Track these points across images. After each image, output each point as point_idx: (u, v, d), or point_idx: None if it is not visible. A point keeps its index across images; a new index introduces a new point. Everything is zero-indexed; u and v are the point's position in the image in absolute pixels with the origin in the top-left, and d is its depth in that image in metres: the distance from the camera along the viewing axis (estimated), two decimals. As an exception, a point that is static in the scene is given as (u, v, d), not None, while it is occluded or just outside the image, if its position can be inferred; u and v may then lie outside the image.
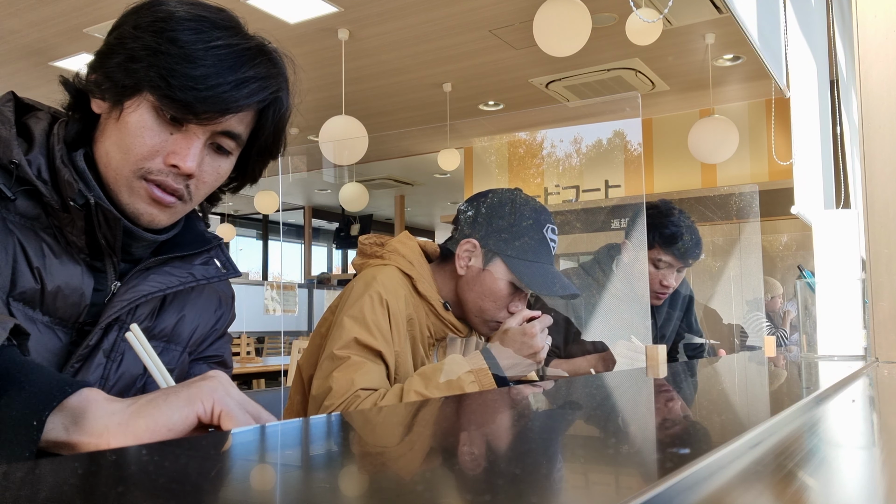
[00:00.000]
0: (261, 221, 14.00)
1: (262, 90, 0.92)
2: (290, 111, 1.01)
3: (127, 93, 0.89)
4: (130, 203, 0.92)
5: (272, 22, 5.03)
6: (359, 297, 1.41)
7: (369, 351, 1.37)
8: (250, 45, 0.93)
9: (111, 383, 0.95)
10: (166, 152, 0.90)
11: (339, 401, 1.31)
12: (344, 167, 7.27)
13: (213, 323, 1.11)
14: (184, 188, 0.93)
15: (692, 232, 2.16)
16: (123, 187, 0.92)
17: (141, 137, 0.89)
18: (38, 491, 0.39)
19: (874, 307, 1.39)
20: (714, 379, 1.20)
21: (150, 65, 0.87)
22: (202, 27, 0.89)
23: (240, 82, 0.90)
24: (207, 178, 0.95)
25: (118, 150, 0.90)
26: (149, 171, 0.90)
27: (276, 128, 0.99)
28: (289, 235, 13.91)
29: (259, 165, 1.04)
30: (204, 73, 0.87)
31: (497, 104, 6.92)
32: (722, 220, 4.59)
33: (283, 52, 1.00)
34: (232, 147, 0.96)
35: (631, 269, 2.09)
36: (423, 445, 0.57)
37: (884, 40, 1.45)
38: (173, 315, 1.03)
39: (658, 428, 0.64)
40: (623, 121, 3.35)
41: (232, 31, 0.92)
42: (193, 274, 1.01)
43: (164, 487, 0.39)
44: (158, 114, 0.89)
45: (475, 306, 1.50)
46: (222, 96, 0.88)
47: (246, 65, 0.91)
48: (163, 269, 0.98)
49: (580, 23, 3.75)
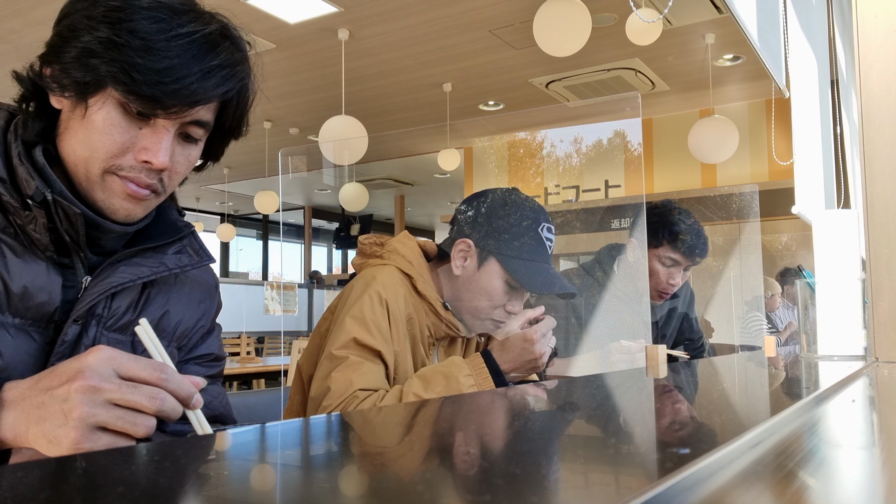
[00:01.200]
0: (261, 221, 14.01)
1: (229, 79, 0.90)
2: (255, 93, 0.99)
3: (90, 89, 0.85)
4: (105, 200, 0.91)
5: (272, 22, 5.03)
6: (358, 296, 1.41)
7: (368, 351, 1.37)
8: (212, 31, 0.89)
9: None
10: (137, 148, 0.88)
11: (338, 401, 1.31)
12: (344, 167, 7.27)
13: (199, 316, 1.09)
14: (157, 182, 0.91)
15: (701, 231, 2.18)
16: (96, 186, 0.90)
17: (110, 135, 0.87)
18: (35, 491, 0.39)
19: (874, 307, 1.39)
20: (714, 379, 1.20)
21: (110, 59, 0.83)
22: (161, 14, 0.86)
23: (206, 72, 0.87)
24: (179, 168, 0.94)
25: (86, 149, 0.88)
26: (119, 167, 0.88)
27: (240, 111, 0.97)
28: (289, 235, 13.91)
29: (222, 145, 1.02)
30: (168, 66, 0.84)
31: (497, 104, 6.92)
32: (722, 220, 4.59)
33: (241, 30, 0.97)
34: (200, 134, 0.94)
35: (632, 269, 2.09)
36: (423, 445, 0.57)
37: (884, 40, 1.45)
38: (157, 309, 1.02)
39: (658, 428, 0.64)
40: (623, 121, 3.35)
41: (191, 16, 0.88)
42: (166, 263, 0.99)
43: (164, 487, 0.39)
44: (125, 109, 0.87)
45: (472, 306, 1.50)
46: (190, 88, 0.86)
47: (211, 52, 0.88)
48: (133, 260, 0.96)
49: (580, 23, 3.75)
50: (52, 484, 0.41)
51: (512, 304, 1.50)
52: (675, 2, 4.47)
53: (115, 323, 0.96)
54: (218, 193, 11.56)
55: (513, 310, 1.51)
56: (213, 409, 1.09)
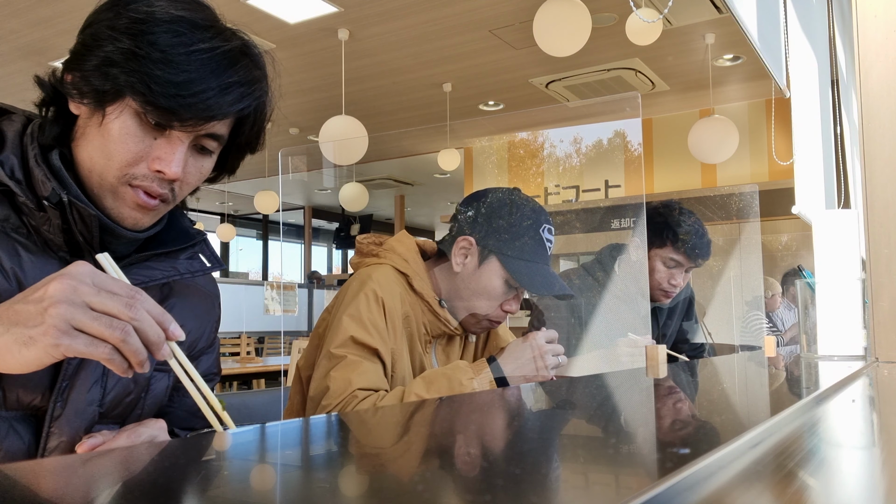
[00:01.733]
0: (261, 221, 14.01)
1: (246, 96, 0.92)
2: (272, 110, 1.01)
3: (108, 98, 0.87)
4: (115, 208, 0.92)
5: (272, 22, 5.03)
6: (354, 295, 1.41)
7: (366, 349, 1.37)
8: (232, 47, 0.91)
9: (113, 380, 0.95)
10: (151, 158, 0.89)
11: (337, 400, 1.31)
12: (344, 167, 7.27)
13: (204, 327, 1.11)
14: (168, 191, 0.93)
15: (704, 232, 2.18)
16: (108, 193, 0.91)
17: (125, 144, 0.88)
18: (35, 491, 0.39)
19: (874, 307, 1.39)
20: (714, 379, 1.20)
21: (130, 70, 0.85)
22: (182, 29, 0.87)
23: (224, 88, 0.88)
24: (191, 178, 0.95)
25: (102, 156, 0.89)
26: (133, 176, 0.90)
27: (257, 127, 0.99)
28: (289, 235, 13.91)
29: (238, 160, 1.03)
30: (187, 79, 0.85)
31: (497, 104, 6.92)
32: (722, 220, 4.59)
33: (261, 48, 0.99)
34: (214, 147, 0.95)
35: (633, 269, 2.09)
36: (423, 445, 0.57)
37: (884, 40, 1.45)
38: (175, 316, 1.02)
39: (658, 428, 0.64)
40: (623, 121, 3.35)
41: (213, 31, 0.90)
42: (177, 268, 1.00)
43: (164, 487, 0.39)
44: (142, 119, 0.88)
45: (470, 304, 1.51)
46: (207, 103, 0.87)
47: (229, 69, 0.89)
48: (146, 263, 0.97)
49: (580, 23, 3.75)
50: (52, 484, 0.41)
51: (509, 303, 1.51)
52: (675, 2, 4.47)
53: None
54: (218, 193, 11.57)
55: (510, 309, 1.52)
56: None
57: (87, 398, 0.93)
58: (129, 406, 0.99)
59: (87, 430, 0.94)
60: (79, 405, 0.92)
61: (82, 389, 0.92)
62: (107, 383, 0.95)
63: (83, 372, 0.92)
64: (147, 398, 1.01)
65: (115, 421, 0.98)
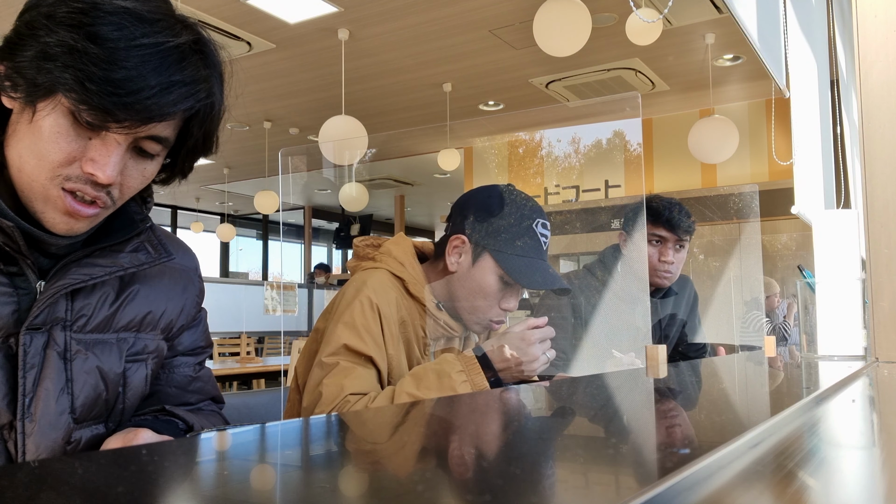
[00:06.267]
0: (261, 221, 14.00)
1: (189, 96, 0.84)
2: (224, 111, 0.93)
3: (39, 93, 0.80)
4: (44, 212, 0.85)
5: (272, 22, 5.03)
6: (349, 302, 1.40)
7: (359, 356, 1.36)
8: (180, 43, 0.83)
9: (79, 384, 0.92)
10: (84, 159, 0.83)
11: (329, 406, 1.31)
12: (344, 167, 7.27)
13: (182, 304, 1.07)
14: (104, 195, 0.86)
15: (677, 203, 2.19)
16: (38, 195, 0.84)
17: (56, 144, 0.81)
18: (35, 491, 0.39)
19: (874, 307, 1.39)
20: (714, 379, 1.20)
21: (65, 65, 0.78)
22: (125, 21, 0.80)
23: (165, 87, 0.81)
24: (132, 182, 0.88)
25: (32, 156, 0.83)
26: (67, 177, 0.83)
27: (206, 130, 0.91)
28: (289, 235, 13.90)
29: (190, 162, 0.96)
30: (125, 76, 0.78)
31: (497, 104, 6.92)
32: (722, 220, 4.59)
33: (218, 44, 0.91)
34: (157, 150, 0.88)
35: (632, 267, 2.09)
36: (423, 446, 0.56)
37: (884, 40, 1.45)
38: (141, 304, 0.99)
39: (658, 428, 0.64)
40: (623, 121, 3.35)
41: (160, 26, 0.83)
42: (121, 262, 0.94)
43: (164, 487, 0.39)
44: (75, 117, 0.81)
45: (467, 303, 1.50)
46: (145, 103, 0.80)
47: (173, 66, 0.82)
48: (86, 260, 0.91)
49: (580, 23, 3.75)
50: (52, 484, 0.41)
51: (507, 301, 1.50)
52: (675, 2, 4.47)
53: (88, 323, 0.93)
54: (218, 193, 11.56)
55: (508, 307, 1.50)
56: (206, 393, 1.12)
57: (56, 409, 0.89)
58: (108, 404, 0.96)
59: (66, 439, 0.90)
60: (50, 417, 0.88)
61: (49, 401, 0.88)
62: (73, 389, 0.91)
63: (45, 382, 0.88)
64: (127, 391, 0.97)
65: (96, 422, 0.95)
